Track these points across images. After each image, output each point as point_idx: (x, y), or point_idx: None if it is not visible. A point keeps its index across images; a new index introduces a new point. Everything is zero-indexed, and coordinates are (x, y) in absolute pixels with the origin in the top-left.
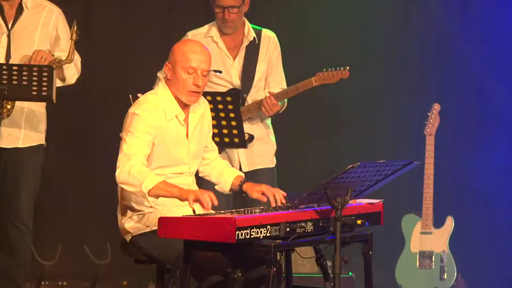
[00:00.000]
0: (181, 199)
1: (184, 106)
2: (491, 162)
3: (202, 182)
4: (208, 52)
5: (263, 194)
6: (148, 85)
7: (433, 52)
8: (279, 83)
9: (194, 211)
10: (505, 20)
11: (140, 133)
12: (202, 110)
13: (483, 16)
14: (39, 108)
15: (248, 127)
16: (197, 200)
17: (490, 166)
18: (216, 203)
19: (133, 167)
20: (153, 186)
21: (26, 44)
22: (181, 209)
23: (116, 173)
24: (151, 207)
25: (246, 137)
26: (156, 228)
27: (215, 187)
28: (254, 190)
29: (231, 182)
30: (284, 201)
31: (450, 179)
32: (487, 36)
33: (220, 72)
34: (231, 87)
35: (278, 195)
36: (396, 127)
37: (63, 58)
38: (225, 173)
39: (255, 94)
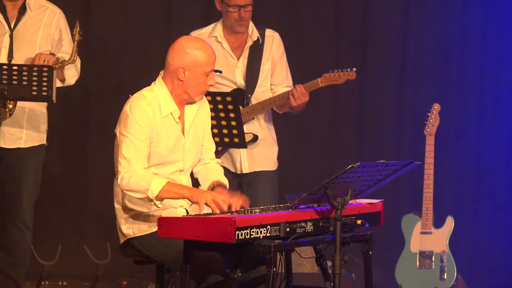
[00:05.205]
0: (191, 201)
1: (180, 103)
2: (492, 162)
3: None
4: None
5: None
6: (148, 85)
7: (433, 52)
8: (283, 81)
9: (187, 212)
10: (506, 21)
11: (137, 134)
12: (197, 106)
13: (483, 16)
14: (40, 108)
15: (251, 128)
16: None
17: (490, 165)
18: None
19: (135, 173)
20: (159, 190)
21: (28, 44)
22: (174, 211)
23: (118, 180)
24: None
25: (251, 137)
26: (151, 231)
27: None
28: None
29: (208, 185)
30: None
31: (450, 179)
32: (487, 36)
33: (220, 72)
34: (235, 87)
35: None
36: (396, 127)
37: (66, 59)
38: (209, 176)
39: (260, 94)
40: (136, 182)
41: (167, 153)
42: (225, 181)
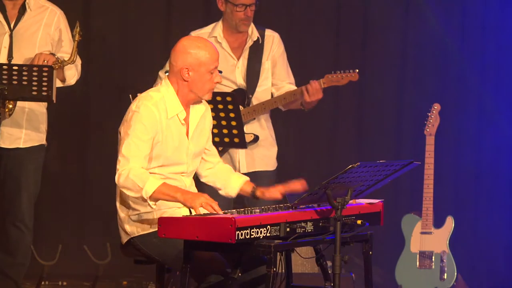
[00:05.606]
0: (185, 205)
1: (186, 105)
2: (492, 162)
3: (203, 187)
4: None
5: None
6: (148, 85)
7: (433, 52)
8: (285, 78)
9: (190, 212)
10: (505, 21)
11: (140, 133)
12: (203, 110)
13: (482, 15)
14: (40, 108)
15: (251, 128)
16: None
17: (490, 166)
18: (221, 212)
19: (132, 171)
20: (153, 190)
21: (28, 44)
22: (177, 211)
23: (116, 177)
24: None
25: (252, 137)
26: (153, 230)
27: (219, 192)
28: (269, 191)
29: (239, 188)
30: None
31: (450, 179)
32: (486, 36)
33: (220, 72)
34: (235, 87)
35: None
36: (396, 127)
37: (66, 59)
38: (230, 179)
39: (261, 94)
40: (131, 180)
41: (172, 154)
42: (246, 178)
